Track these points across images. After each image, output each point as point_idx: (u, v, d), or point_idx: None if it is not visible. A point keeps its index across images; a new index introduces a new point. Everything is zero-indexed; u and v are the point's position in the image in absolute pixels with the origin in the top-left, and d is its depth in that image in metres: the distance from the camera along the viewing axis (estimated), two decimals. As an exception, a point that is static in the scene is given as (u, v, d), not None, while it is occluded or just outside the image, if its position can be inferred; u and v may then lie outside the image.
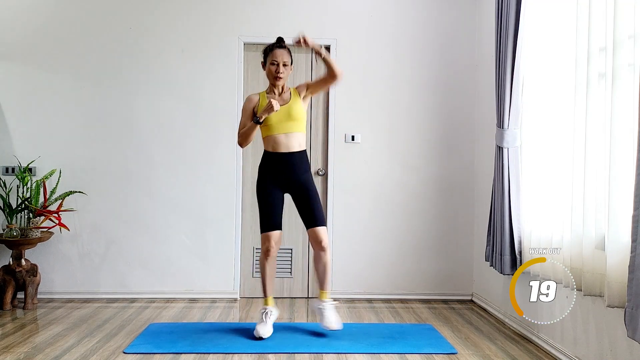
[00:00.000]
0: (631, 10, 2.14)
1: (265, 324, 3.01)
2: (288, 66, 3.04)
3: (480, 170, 3.97)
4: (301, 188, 3.03)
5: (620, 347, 2.26)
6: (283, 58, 3.01)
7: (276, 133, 3.00)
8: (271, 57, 3.02)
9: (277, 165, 3.02)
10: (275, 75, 3.01)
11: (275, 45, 3.04)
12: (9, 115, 3.89)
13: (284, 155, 3.01)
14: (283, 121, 2.99)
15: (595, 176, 2.38)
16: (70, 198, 3.83)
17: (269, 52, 3.04)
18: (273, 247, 3.01)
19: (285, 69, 3.02)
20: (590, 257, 2.39)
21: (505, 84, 3.13)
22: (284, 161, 3.01)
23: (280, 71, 3.00)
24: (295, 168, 3.01)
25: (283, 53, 3.02)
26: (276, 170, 3.03)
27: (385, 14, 4.07)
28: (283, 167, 3.01)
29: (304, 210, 3.04)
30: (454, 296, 4.06)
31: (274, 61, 3.01)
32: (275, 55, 3.01)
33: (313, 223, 3.01)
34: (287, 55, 3.04)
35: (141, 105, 3.95)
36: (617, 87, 2.20)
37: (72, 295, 3.90)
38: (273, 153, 3.03)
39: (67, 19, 3.93)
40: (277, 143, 3.01)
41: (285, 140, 3.00)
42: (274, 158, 3.03)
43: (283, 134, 3.00)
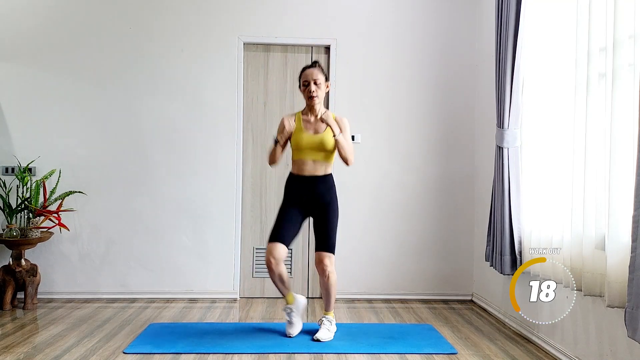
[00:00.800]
0: (631, 10, 2.14)
1: (292, 324, 3.06)
2: (321, 84, 2.98)
3: (480, 170, 3.97)
4: (322, 210, 3.01)
5: (620, 347, 2.26)
6: (313, 76, 2.96)
7: (304, 158, 2.98)
8: (303, 78, 3.00)
9: (300, 187, 3.00)
10: (309, 95, 2.97)
11: (305, 67, 3.04)
12: (9, 115, 3.89)
13: (307, 178, 2.99)
14: (314, 149, 2.97)
15: (595, 176, 2.38)
16: (70, 198, 3.83)
17: (301, 74, 3.03)
18: (273, 262, 2.94)
19: (318, 87, 2.97)
20: (590, 257, 2.39)
21: (505, 84, 3.13)
22: (306, 184, 2.99)
23: (312, 89, 2.96)
24: (318, 189, 2.99)
25: (313, 71, 2.98)
26: (299, 192, 3.01)
27: (385, 14, 4.07)
28: (306, 187, 2.99)
29: (317, 232, 3.03)
30: (454, 296, 4.06)
31: (305, 82, 2.98)
32: (306, 75, 2.99)
33: (321, 247, 3.00)
34: (318, 73, 2.98)
35: (141, 105, 3.95)
36: (617, 87, 2.20)
37: (72, 295, 3.90)
38: (297, 176, 3.01)
39: (67, 19, 3.93)
40: (303, 166, 2.99)
41: (312, 166, 2.99)
42: (297, 180, 3.02)
43: (311, 160, 2.98)
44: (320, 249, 3.00)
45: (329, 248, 2.99)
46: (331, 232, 3.00)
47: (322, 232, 3.00)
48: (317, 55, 4.07)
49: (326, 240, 2.99)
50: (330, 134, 2.98)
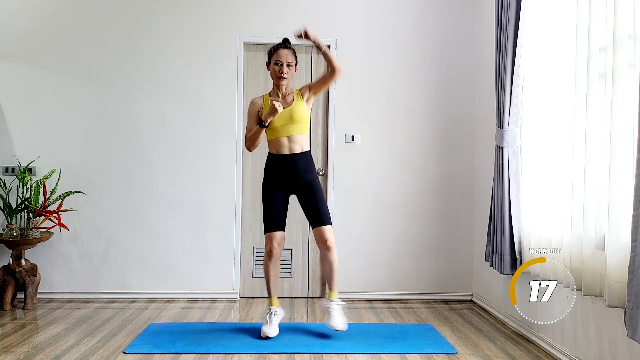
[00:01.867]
0: (631, 10, 2.14)
1: (271, 324, 3.03)
2: (292, 67, 3.02)
3: (480, 170, 3.97)
4: (306, 188, 3.03)
5: (620, 347, 2.26)
6: (287, 58, 2.98)
7: (279, 136, 3.00)
8: (275, 57, 3.00)
9: (281, 167, 3.02)
10: (279, 76, 2.99)
11: (279, 46, 3.02)
12: (9, 115, 3.89)
13: (286, 157, 3.01)
14: (286, 124, 2.98)
15: (595, 176, 2.38)
16: (70, 198, 3.84)
17: (274, 52, 3.02)
18: (276, 248, 3.00)
19: (289, 70, 3.00)
20: (590, 257, 2.39)
21: (505, 84, 3.13)
22: (287, 163, 3.01)
23: (284, 71, 2.98)
24: (298, 169, 3.01)
25: (287, 53, 2.99)
26: (280, 172, 3.03)
27: (385, 14, 4.07)
28: (286, 169, 3.01)
29: (308, 209, 3.04)
30: (454, 296, 4.06)
31: (278, 61, 2.99)
32: (280, 55, 2.99)
33: (318, 222, 3.00)
34: (291, 55, 3.01)
35: (141, 105, 3.95)
36: (617, 87, 2.20)
37: (72, 295, 3.90)
38: (276, 155, 3.03)
39: (67, 19, 3.93)
40: (280, 145, 3.01)
41: (288, 142, 3.00)
42: (277, 160, 3.03)
43: (286, 137, 3.00)
44: (319, 223, 2.99)
45: (328, 220, 3.01)
46: (323, 205, 3.03)
47: (314, 208, 3.01)
48: (317, 55, 4.06)
49: (322, 214, 3.00)
50: (300, 104, 3.00)
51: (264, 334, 2.98)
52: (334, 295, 3.07)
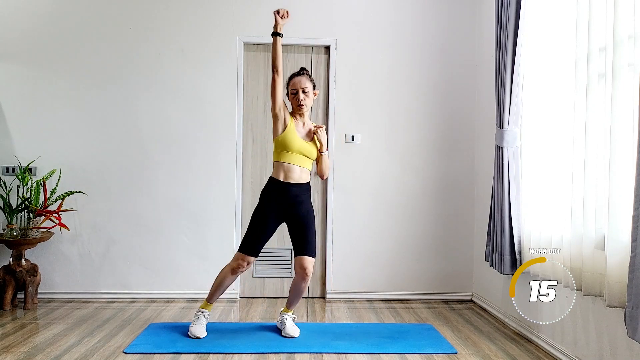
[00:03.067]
0: (631, 10, 2.14)
1: (202, 325, 3.04)
2: (309, 92, 2.96)
3: (480, 170, 3.97)
4: (301, 218, 2.98)
5: (620, 347, 2.26)
6: (302, 84, 2.94)
7: (293, 163, 2.94)
8: (291, 86, 2.98)
9: (284, 195, 2.94)
10: (297, 104, 2.95)
11: (293, 74, 3.00)
12: (9, 115, 3.89)
13: (294, 186, 2.94)
14: (304, 155, 2.95)
15: (595, 176, 2.38)
16: (70, 198, 3.84)
17: (289, 81, 3.00)
18: (244, 268, 3.00)
19: (306, 96, 2.95)
20: (590, 257, 2.39)
21: (505, 84, 3.13)
22: (292, 192, 2.94)
23: (301, 98, 2.93)
24: (300, 199, 2.96)
25: (301, 79, 2.95)
26: (281, 201, 2.94)
27: (385, 14, 4.07)
28: (290, 198, 2.94)
29: (297, 238, 3.00)
30: (454, 296, 4.06)
31: (293, 90, 2.95)
32: (294, 83, 2.96)
33: (303, 252, 2.97)
34: (306, 81, 2.95)
35: (141, 105, 3.95)
36: (617, 87, 2.20)
37: (72, 295, 3.90)
38: (283, 183, 2.94)
39: (67, 19, 3.93)
40: (290, 172, 2.93)
41: (299, 173, 2.96)
42: (282, 188, 2.94)
43: (299, 167, 2.95)
44: (303, 253, 2.96)
45: (312, 252, 2.99)
46: (313, 236, 3.00)
47: (303, 238, 2.97)
48: (317, 55, 4.07)
49: (309, 245, 2.97)
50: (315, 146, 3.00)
51: (193, 334, 2.98)
52: (289, 311, 3.18)
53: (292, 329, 3.10)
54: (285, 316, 3.16)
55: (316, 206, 4.04)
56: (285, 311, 3.18)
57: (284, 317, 3.15)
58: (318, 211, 4.04)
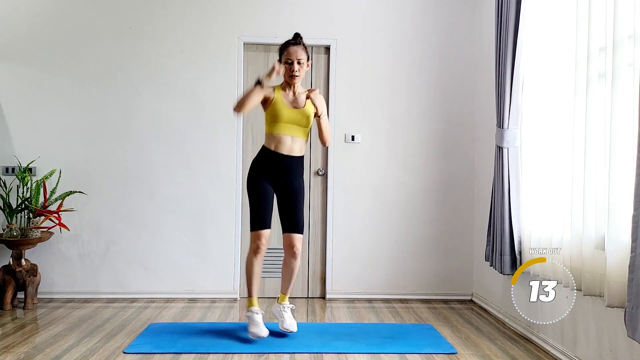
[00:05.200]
0: (631, 10, 2.14)
1: (259, 324, 2.93)
2: (304, 64, 2.94)
3: (480, 170, 3.97)
4: (291, 192, 2.98)
5: (620, 347, 2.26)
6: (297, 55, 2.90)
7: (283, 133, 2.93)
8: (285, 55, 2.93)
9: (275, 165, 2.95)
10: (290, 74, 2.92)
11: (289, 42, 2.95)
12: (9, 115, 3.89)
13: (284, 157, 2.94)
14: (295, 124, 2.93)
15: (595, 176, 2.38)
16: (70, 198, 3.83)
17: (284, 49, 2.95)
18: (264, 245, 2.95)
19: (301, 67, 2.93)
20: (590, 257, 2.39)
21: (505, 83, 3.13)
22: (282, 163, 2.95)
23: (295, 69, 2.91)
24: (292, 172, 2.97)
25: (297, 50, 2.91)
26: (272, 170, 2.96)
27: (385, 13, 4.07)
28: (280, 168, 2.95)
29: (286, 213, 2.99)
30: (454, 296, 4.06)
31: (288, 59, 2.91)
32: (290, 52, 2.91)
33: (292, 229, 2.97)
34: (302, 52, 2.92)
35: (141, 105, 3.95)
36: (617, 87, 2.20)
37: (72, 295, 3.90)
38: (273, 152, 2.95)
39: (67, 19, 3.93)
40: (281, 143, 2.93)
41: (291, 143, 2.94)
42: (273, 157, 2.95)
43: (290, 137, 2.93)
44: (292, 230, 2.96)
45: (301, 229, 2.99)
46: (301, 213, 3.00)
47: (292, 214, 2.97)
48: (317, 55, 4.07)
49: (298, 222, 2.98)
50: (310, 110, 2.95)
51: (255, 335, 2.89)
52: (286, 299, 3.11)
53: (291, 322, 3.01)
54: (283, 306, 3.07)
55: (316, 206, 4.04)
56: (281, 299, 3.10)
57: (282, 307, 3.07)
58: (318, 211, 4.04)
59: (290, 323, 3.02)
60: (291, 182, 2.98)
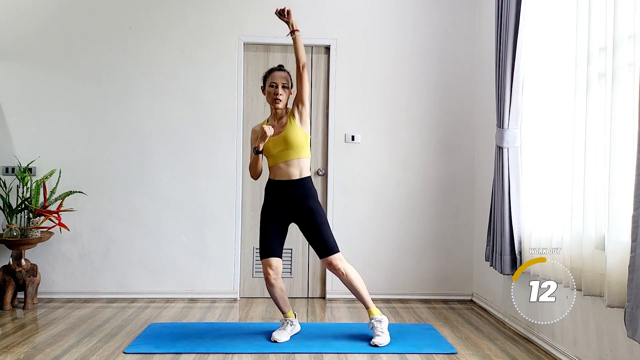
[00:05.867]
0: (631, 10, 2.14)
1: (284, 331, 3.01)
2: (287, 89, 2.98)
3: (480, 170, 3.97)
4: (306, 217, 2.94)
5: (620, 347, 2.26)
6: (282, 80, 2.95)
7: (276, 162, 2.95)
8: (270, 79, 2.97)
9: (278, 194, 2.96)
10: (274, 98, 2.95)
11: (274, 69, 3.02)
12: (9, 115, 3.89)
13: (283, 183, 2.94)
14: (282, 149, 2.93)
15: (595, 176, 2.38)
16: (70, 198, 3.84)
17: (268, 75, 3.00)
18: (271, 275, 2.93)
19: (284, 92, 2.96)
20: (590, 257, 2.39)
21: (505, 84, 3.13)
22: (284, 190, 2.95)
23: (279, 93, 2.94)
24: (296, 196, 2.94)
25: (282, 75, 2.97)
26: (278, 199, 2.97)
27: (385, 14, 4.07)
28: (284, 196, 2.95)
29: (312, 239, 2.96)
30: (454, 296, 4.06)
31: (273, 83, 2.95)
32: (274, 77, 2.96)
33: (326, 253, 2.93)
34: (285, 78, 2.98)
35: (141, 105, 3.95)
36: (617, 87, 2.20)
37: (72, 295, 3.90)
38: (274, 181, 2.98)
39: (67, 19, 3.93)
40: (278, 172, 2.96)
41: (286, 168, 2.94)
42: (275, 187, 2.98)
43: (283, 163, 2.94)
44: (324, 255, 2.93)
45: (332, 250, 2.92)
46: (325, 234, 2.93)
47: (316, 238, 2.94)
48: (317, 55, 4.07)
49: (325, 245, 2.92)
50: (291, 128, 2.91)
51: (273, 338, 2.95)
52: (372, 312, 2.98)
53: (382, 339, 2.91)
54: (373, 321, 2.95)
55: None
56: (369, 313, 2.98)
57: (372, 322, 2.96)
58: (318, 211, 4.04)
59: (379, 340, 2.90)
60: (302, 206, 2.94)
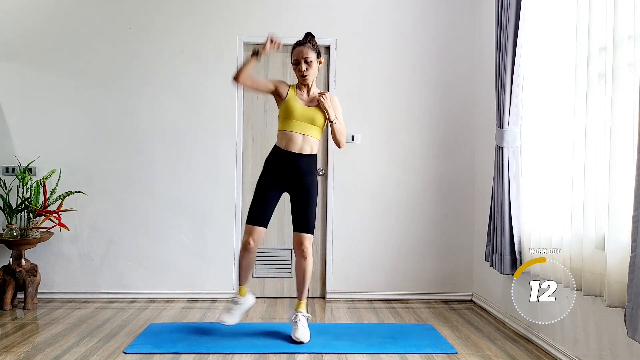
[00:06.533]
0: (631, 10, 2.14)
1: (232, 312, 2.97)
2: (312, 62, 2.91)
3: (480, 170, 3.97)
4: (302, 191, 2.96)
5: (620, 347, 2.26)
6: (304, 54, 2.89)
7: (295, 130, 2.91)
8: (294, 56, 2.94)
9: (285, 163, 2.93)
10: (300, 74, 2.92)
11: (297, 43, 2.95)
12: (9, 115, 3.89)
13: (294, 155, 2.92)
14: (306, 122, 2.90)
15: (595, 176, 2.38)
16: (70, 198, 3.84)
17: (292, 50, 2.96)
18: (251, 244, 2.91)
19: (309, 66, 2.91)
20: (590, 257, 2.39)
21: (505, 84, 3.13)
22: (292, 161, 2.93)
23: (303, 69, 2.90)
24: (302, 171, 2.94)
25: (304, 49, 2.90)
26: (282, 169, 2.94)
27: (385, 14, 4.07)
28: (290, 167, 2.93)
29: (297, 213, 2.98)
30: (454, 296, 4.06)
31: (296, 60, 2.92)
32: (297, 53, 2.92)
33: (301, 228, 2.95)
34: (309, 50, 2.90)
35: (141, 105, 3.95)
36: (617, 87, 2.20)
37: (72, 295, 3.90)
38: (284, 150, 2.93)
39: (67, 19, 3.93)
40: (291, 141, 2.91)
41: (302, 141, 2.92)
42: (283, 155, 2.93)
43: (301, 134, 2.91)
44: (301, 229, 2.94)
45: (310, 229, 2.96)
46: (312, 213, 2.97)
47: (303, 213, 2.95)
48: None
49: (308, 222, 2.95)
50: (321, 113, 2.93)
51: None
52: (302, 305, 3.04)
53: (303, 332, 2.93)
54: (299, 314, 3.00)
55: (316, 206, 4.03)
56: (297, 306, 3.04)
57: (298, 315, 2.99)
58: (318, 211, 4.03)
59: (302, 333, 2.93)
60: (302, 181, 2.96)
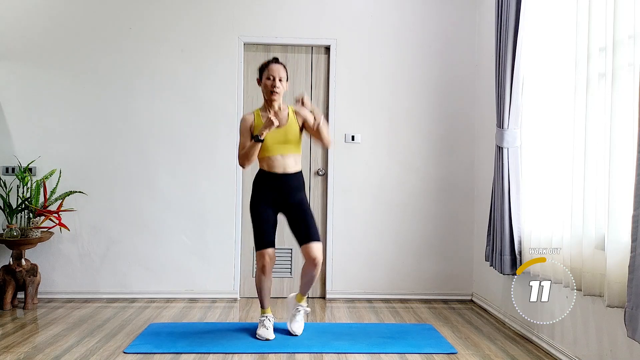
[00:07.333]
0: (631, 10, 2.14)
1: (268, 328, 3.03)
2: (284, 82, 3.00)
3: (480, 170, 3.97)
4: (296, 208, 3.00)
5: (620, 347, 2.26)
6: (279, 73, 2.97)
7: (273, 154, 2.96)
8: (267, 72, 2.99)
9: (273, 185, 2.98)
10: (271, 90, 2.97)
11: (271, 61, 3.02)
12: (9, 115, 3.89)
13: (280, 176, 2.97)
14: (280, 142, 2.96)
15: (595, 176, 2.38)
16: (70, 198, 3.84)
17: (265, 67, 3.01)
18: (268, 264, 2.97)
19: (282, 85, 2.99)
20: (590, 257, 2.39)
21: (505, 84, 3.13)
22: (280, 182, 2.97)
23: (277, 85, 2.96)
24: (291, 189, 2.99)
25: (279, 68, 2.99)
26: (271, 191, 2.98)
27: (385, 14, 4.07)
28: (279, 188, 2.98)
29: (297, 226, 3.00)
30: (454, 296, 4.06)
31: (271, 76, 2.97)
32: (272, 70, 2.98)
33: (307, 238, 2.96)
34: (283, 71, 3.00)
35: (141, 105, 3.95)
36: (617, 87, 2.20)
37: (72, 295, 3.90)
38: (268, 173, 2.99)
39: (67, 19, 3.93)
40: (273, 165, 2.97)
41: (282, 161, 2.97)
42: (269, 178, 2.99)
43: (279, 155, 2.97)
44: (307, 239, 2.96)
45: (316, 236, 2.98)
46: (312, 221, 3.00)
47: (302, 224, 2.98)
48: (317, 55, 4.07)
49: (310, 230, 2.97)
50: (294, 123, 2.99)
51: (262, 337, 2.98)
52: (303, 300, 3.14)
53: (298, 325, 3.08)
54: (299, 308, 3.11)
55: (316, 206, 4.04)
56: (299, 299, 3.13)
57: (298, 308, 3.11)
58: (318, 211, 4.04)
59: (297, 326, 3.07)
60: (292, 198, 3.00)
